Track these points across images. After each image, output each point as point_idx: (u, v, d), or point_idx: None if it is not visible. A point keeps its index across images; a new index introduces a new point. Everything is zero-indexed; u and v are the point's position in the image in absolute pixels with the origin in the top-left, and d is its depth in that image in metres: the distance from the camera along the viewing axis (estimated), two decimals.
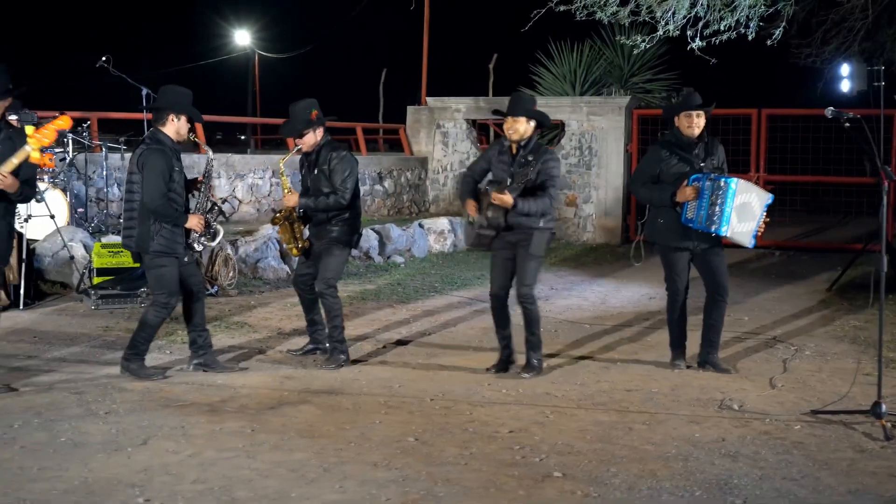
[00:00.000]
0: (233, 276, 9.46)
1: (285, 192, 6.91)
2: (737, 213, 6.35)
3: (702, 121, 6.51)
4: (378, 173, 14.76)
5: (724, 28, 10.62)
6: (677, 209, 6.47)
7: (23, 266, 8.32)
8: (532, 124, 6.45)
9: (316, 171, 6.75)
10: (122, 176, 10.41)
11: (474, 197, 6.48)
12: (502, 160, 6.49)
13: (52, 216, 8.91)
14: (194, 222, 6.27)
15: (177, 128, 6.22)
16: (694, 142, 6.54)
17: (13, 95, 5.82)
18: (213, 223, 6.50)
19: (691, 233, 6.49)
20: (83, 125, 10.86)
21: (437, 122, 15.57)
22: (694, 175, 6.43)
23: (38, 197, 8.53)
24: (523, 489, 4.38)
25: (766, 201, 6.54)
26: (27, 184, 5.84)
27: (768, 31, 10.97)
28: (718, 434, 5.22)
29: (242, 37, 38.45)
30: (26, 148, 5.65)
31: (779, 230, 12.75)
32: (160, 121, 6.21)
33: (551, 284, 10.46)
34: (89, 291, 8.47)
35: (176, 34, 39.93)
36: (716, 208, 6.30)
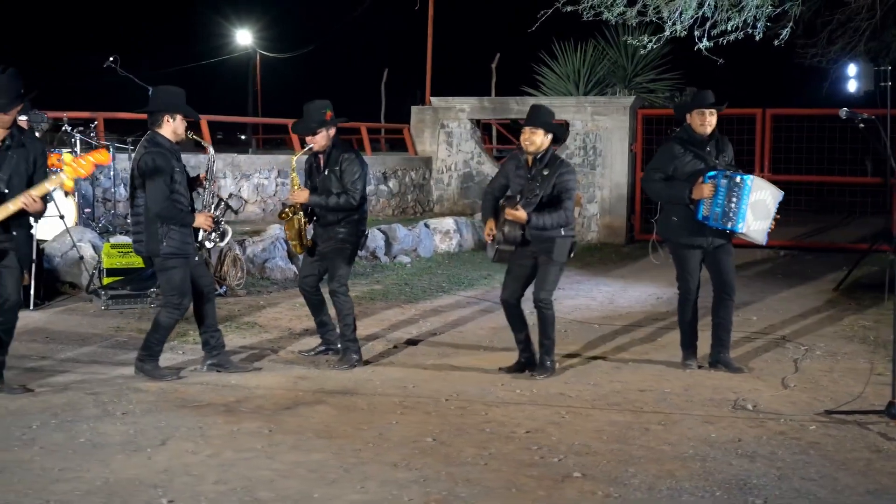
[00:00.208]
0: (241, 277, 9.47)
1: (295, 187, 6.91)
2: (752, 210, 6.37)
3: (714, 119, 6.54)
4: (383, 173, 14.77)
5: (731, 28, 10.63)
6: (691, 206, 6.48)
7: (33, 266, 8.31)
8: (549, 137, 6.43)
9: (326, 171, 6.76)
10: (128, 177, 10.40)
11: (496, 216, 6.46)
12: (519, 174, 6.46)
13: (62, 216, 8.91)
14: (202, 220, 6.26)
15: (173, 128, 6.20)
16: (706, 139, 6.56)
17: (25, 101, 5.79)
18: (221, 220, 6.50)
19: (705, 230, 6.50)
20: (90, 125, 10.86)
21: (442, 122, 15.58)
22: (710, 172, 6.45)
23: (47, 196, 8.51)
24: (543, 489, 4.40)
25: (779, 198, 6.58)
26: (44, 200, 5.84)
27: (775, 32, 10.98)
28: (734, 434, 5.23)
29: (244, 36, 38.43)
30: (62, 176, 5.59)
31: (783, 230, 12.71)
32: (156, 123, 6.18)
33: (558, 284, 10.43)
34: (99, 292, 8.48)
35: (176, 34, 39.90)
36: (732, 205, 6.31)
